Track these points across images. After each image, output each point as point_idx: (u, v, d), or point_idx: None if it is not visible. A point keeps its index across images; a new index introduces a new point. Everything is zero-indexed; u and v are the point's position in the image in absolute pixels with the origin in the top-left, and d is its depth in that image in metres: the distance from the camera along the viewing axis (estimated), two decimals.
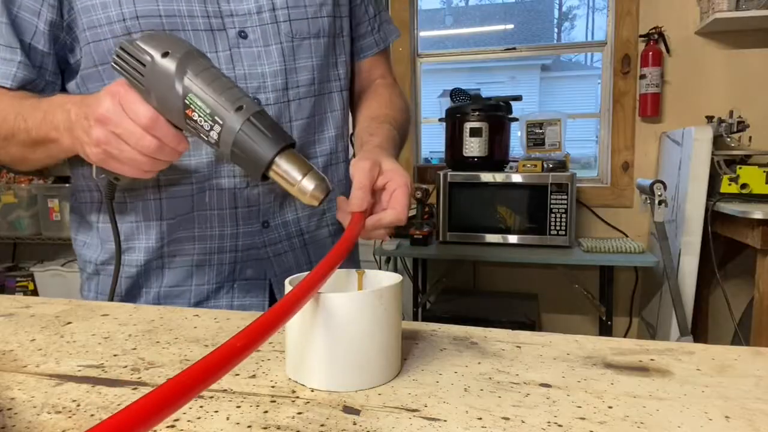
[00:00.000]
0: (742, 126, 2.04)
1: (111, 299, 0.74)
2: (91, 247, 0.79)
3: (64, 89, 0.75)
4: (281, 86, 0.75)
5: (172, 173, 0.72)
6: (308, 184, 0.50)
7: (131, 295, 0.77)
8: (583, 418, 0.37)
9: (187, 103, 0.50)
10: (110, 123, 0.52)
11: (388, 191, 0.60)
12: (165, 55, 0.50)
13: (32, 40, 0.70)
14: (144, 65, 0.51)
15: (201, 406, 0.40)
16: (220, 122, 0.49)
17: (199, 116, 0.50)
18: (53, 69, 0.73)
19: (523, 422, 0.37)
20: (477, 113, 2.27)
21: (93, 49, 0.69)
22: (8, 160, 0.71)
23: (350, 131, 0.88)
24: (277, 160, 0.50)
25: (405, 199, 0.59)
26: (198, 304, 0.77)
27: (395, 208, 0.59)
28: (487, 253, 2.19)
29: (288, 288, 0.44)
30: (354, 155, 0.69)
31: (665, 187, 1.89)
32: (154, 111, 0.51)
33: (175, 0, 0.69)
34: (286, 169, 0.50)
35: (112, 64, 0.53)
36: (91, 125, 0.53)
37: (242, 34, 0.72)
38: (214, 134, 0.50)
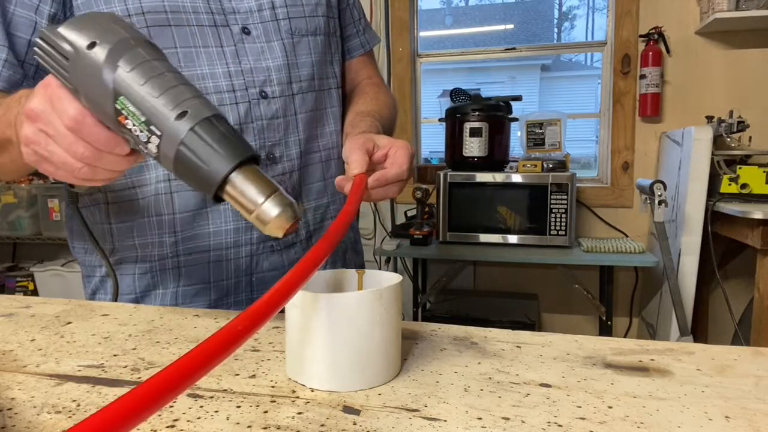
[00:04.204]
0: (742, 126, 2.04)
1: (115, 299, 0.74)
2: (95, 252, 0.79)
3: None
4: (286, 80, 0.77)
5: None
6: (270, 209, 0.39)
7: (147, 295, 0.77)
8: (583, 418, 0.37)
9: (119, 107, 0.40)
10: (39, 120, 0.45)
11: (390, 156, 0.63)
12: (92, 45, 0.40)
13: (33, 36, 0.68)
14: (67, 59, 0.41)
15: (201, 406, 0.40)
16: (158, 132, 0.39)
17: (134, 124, 0.39)
18: None
19: (523, 422, 0.37)
20: (477, 113, 2.27)
21: None
22: None
23: None
24: (232, 178, 0.39)
25: (406, 156, 0.63)
26: (219, 300, 0.77)
27: (396, 162, 0.62)
28: (487, 253, 2.19)
29: None
30: None
31: (665, 187, 1.89)
32: (80, 110, 0.43)
33: None
34: (243, 190, 0.39)
35: (35, 57, 0.44)
36: (23, 120, 0.47)
37: (245, 31, 0.74)
38: (152, 147, 0.40)
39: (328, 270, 0.53)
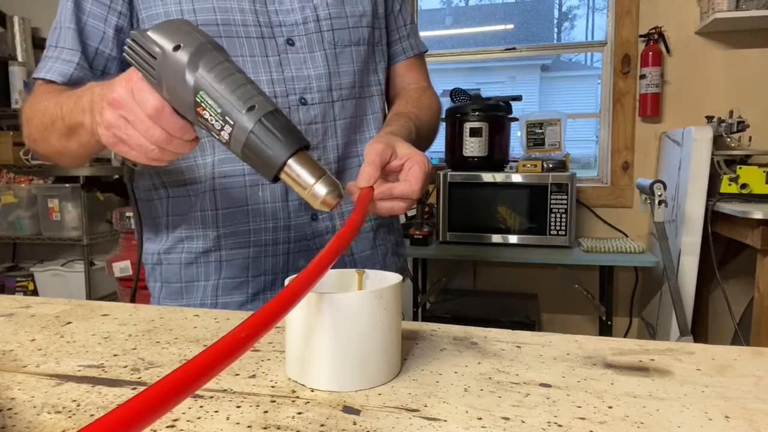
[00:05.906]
0: (742, 126, 2.04)
1: (135, 286, 0.80)
2: (155, 240, 0.85)
3: None
4: (326, 88, 0.80)
5: (223, 165, 0.78)
6: (321, 189, 0.48)
7: (190, 287, 0.82)
8: (583, 418, 0.37)
9: (198, 101, 0.48)
10: (121, 108, 0.52)
11: (405, 170, 0.62)
12: (177, 48, 0.48)
13: (100, 45, 0.77)
14: (155, 58, 0.49)
15: (201, 406, 0.40)
16: (231, 122, 0.48)
17: (210, 115, 0.48)
18: (116, 74, 0.76)
19: (523, 422, 0.37)
20: (477, 113, 2.27)
21: None
22: (52, 151, 0.73)
23: None
24: (290, 162, 0.48)
25: (420, 174, 0.61)
26: (255, 295, 0.81)
27: (408, 180, 0.61)
28: (487, 253, 2.19)
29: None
30: None
31: (665, 187, 1.89)
32: (161, 101, 0.50)
33: (230, 11, 0.75)
34: (299, 173, 0.48)
35: (124, 55, 0.52)
36: (104, 107, 0.54)
37: (290, 42, 0.78)
38: (225, 134, 0.48)
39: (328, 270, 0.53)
